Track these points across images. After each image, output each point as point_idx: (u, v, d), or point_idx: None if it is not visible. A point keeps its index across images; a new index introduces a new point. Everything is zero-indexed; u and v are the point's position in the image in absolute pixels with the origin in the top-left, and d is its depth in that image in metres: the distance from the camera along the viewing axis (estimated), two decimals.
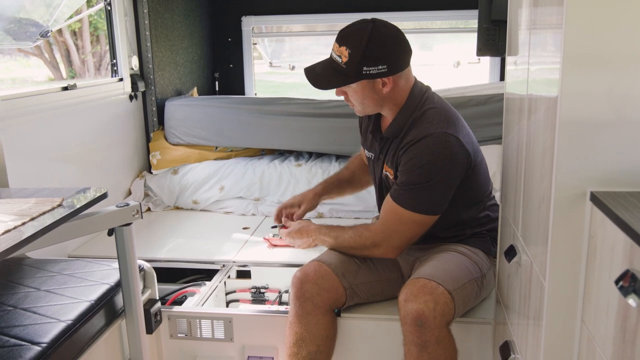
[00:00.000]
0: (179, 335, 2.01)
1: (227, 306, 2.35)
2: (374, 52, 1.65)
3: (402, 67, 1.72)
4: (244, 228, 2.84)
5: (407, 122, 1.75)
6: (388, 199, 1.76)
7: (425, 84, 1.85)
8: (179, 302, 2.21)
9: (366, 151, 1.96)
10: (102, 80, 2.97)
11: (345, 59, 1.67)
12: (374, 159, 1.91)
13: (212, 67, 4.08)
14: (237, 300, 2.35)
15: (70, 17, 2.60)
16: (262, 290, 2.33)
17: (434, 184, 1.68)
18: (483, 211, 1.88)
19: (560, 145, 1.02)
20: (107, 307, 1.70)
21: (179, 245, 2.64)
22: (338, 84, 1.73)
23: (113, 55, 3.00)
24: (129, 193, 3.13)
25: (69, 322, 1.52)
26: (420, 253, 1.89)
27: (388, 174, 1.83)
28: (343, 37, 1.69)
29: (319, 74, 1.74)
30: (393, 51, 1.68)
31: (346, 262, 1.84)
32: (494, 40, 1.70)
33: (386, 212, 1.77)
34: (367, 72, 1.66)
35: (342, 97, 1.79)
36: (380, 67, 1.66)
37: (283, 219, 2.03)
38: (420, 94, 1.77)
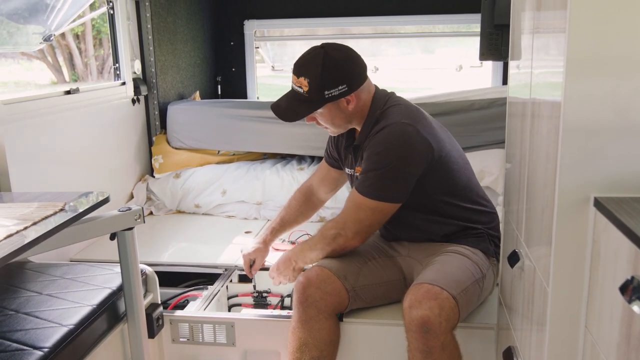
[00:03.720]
0: (181, 339, 2.01)
1: (229, 310, 2.34)
2: (331, 75, 1.72)
3: (361, 81, 1.79)
4: (246, 232, 2.83)
5: (372, 123, 1.81)
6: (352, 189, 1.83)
7: (389, 90, 1.91)
8: (181, 306, 2.20)
9: (347, 169, 2.00)
10: (104, 84, 2.97)
11: (306, 88, 1.74)
12: (354, 174, 1.93)
13: (215, 70, 4.09)
14: (239, 305, 2.35)
15: (74, 20, 2.61)
16: (264, 295, 2.32)
17: (390, 170, 1.72)
18: (467, 203, 1.88)
19: (564, 149, 1.01)
20: (109, 311, 1.70)
21: (181, 249, 2.64)
22: (305, 112, 1.80)
23: (116, 59, 3.01)
24: (131, 197, 3.13)
25: (71, 326, 1.52)
26: (420, 255, 1.90)
27: (358, 173, 1.86)
28: (299, 68, 1.77)
29: (285, 108, 1.83)
30: (348, 70, 1.76)
31: (347, 265, 1.84)
32: (496, 44, 1.71)
33: (347, 200, 1.83)
34: (330, 95, 1.74)
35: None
36: (340, 87, 1.74)
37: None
38: (382, 98, 1.84)
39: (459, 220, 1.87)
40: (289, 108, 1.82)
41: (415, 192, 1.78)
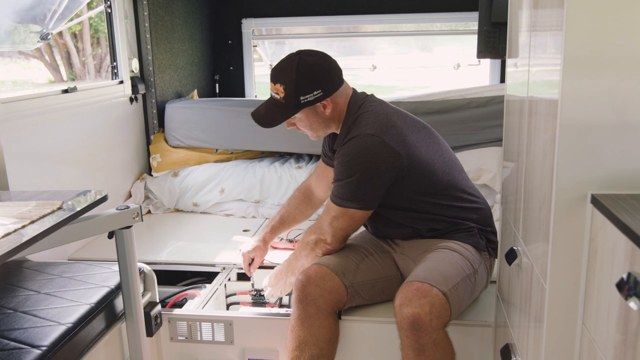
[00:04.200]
0: (179, 338, 2.01)
1: (227, 309, 2.35)
2: (305, 81, 1.76)
3: (336, 86, 1.83)
4: (244, 230, 2.83)
5: (346, 129, 1.84)
6: None
7: (369, 92, 1.94)
8: (179, 304, 2.20)
9: None
10: (102, 83, 2.97)
11: (282, 94, 1.78)
12: None
13: (213, 69, 4.09)
14: (237, 303, 2.35)
15: (71, 19, 2.60)
16: (263, 293, 2.32)
17: (354, 181, 1.76)
18: (451, 201, 1.88)
19: (561, 147, 1.02)
20: (107, 310, 1.70)
21: (179, 247, 2.64)
22: (282, 118, 1.83)
23: (113, 57, 3.00)
24: (129, 195, 3.13)
25: (69, 325, 1.52)
26: (413, 253, 1.91)
27: None
28: (275, 76, 1.81)
29: (264, 114, 1.86)
30: (322, 75, 1.80)
31: (345, 262, 1.86)
32: (494, 42, 1.71)
33: (325, 205, 1.90)
34: (305, 100, 1.78)
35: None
36: (315, 92, 1.77)
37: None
38: (357, 104, 1.86)
39: (444, 217, 1.88)
40: (267, 114, 1.85)
41: (392, 195, 1.81)
